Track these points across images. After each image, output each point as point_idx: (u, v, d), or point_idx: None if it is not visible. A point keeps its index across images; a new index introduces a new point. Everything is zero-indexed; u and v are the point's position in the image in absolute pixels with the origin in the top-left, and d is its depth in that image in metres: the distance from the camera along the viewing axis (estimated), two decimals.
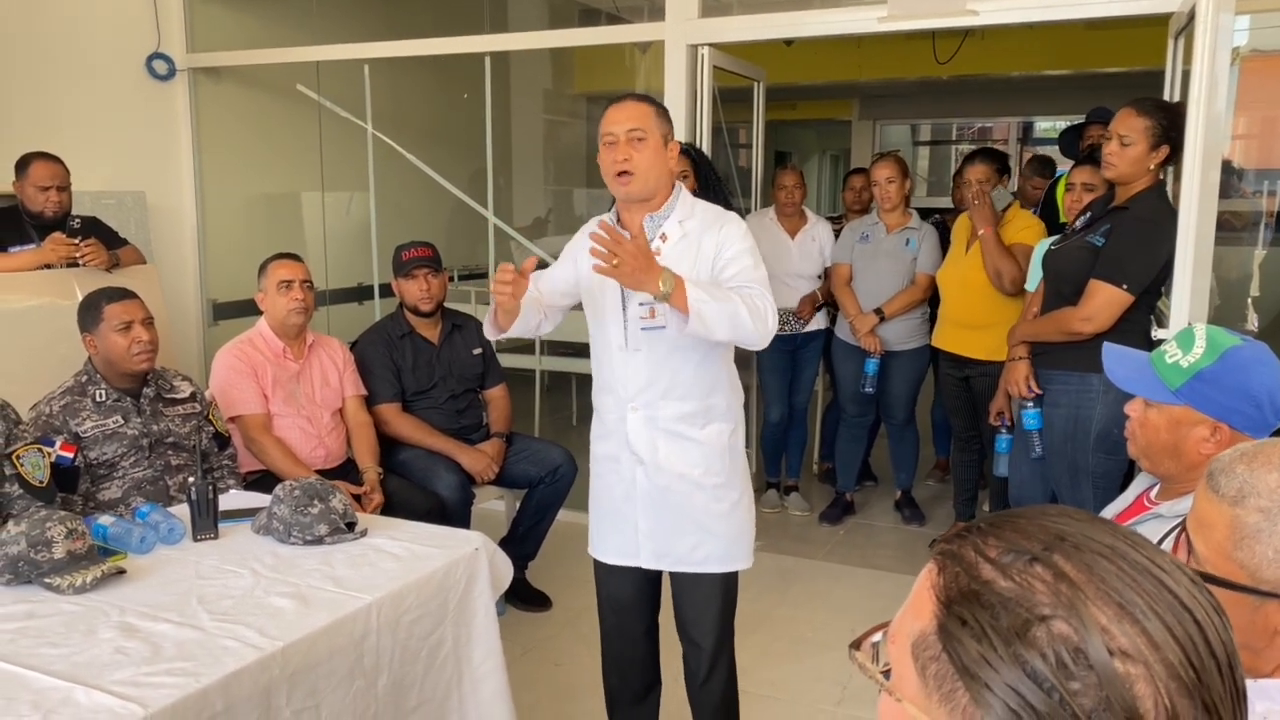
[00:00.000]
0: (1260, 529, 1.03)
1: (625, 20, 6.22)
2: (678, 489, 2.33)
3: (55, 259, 3.49)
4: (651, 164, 2.21)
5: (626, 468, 2.36)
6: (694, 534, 2.35)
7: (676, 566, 2.38)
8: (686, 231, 2.26)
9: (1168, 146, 2.76)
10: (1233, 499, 1.05)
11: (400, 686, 2.08)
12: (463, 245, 5.70)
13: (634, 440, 2.32)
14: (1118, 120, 2.82)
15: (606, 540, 2.44)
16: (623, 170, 2.20)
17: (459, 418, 3.62)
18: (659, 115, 2.25)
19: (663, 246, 2.24)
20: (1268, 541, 1.02)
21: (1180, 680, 0.56)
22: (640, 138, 2.20)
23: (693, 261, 2.22)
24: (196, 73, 4.91)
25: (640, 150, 2.20)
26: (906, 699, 0.64)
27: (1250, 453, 1.09)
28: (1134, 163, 2.78)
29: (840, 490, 4.76)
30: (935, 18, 3.74)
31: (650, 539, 2.36)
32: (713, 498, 2.35)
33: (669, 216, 2.28)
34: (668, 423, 2.30)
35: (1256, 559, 1.02)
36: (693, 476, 2.32)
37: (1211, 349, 1.56)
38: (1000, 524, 0.64)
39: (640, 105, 2.24)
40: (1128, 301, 2.78)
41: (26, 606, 1.92)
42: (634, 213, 2.29)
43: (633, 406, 2.31)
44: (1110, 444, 2.81)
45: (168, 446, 2.85)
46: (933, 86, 9.31)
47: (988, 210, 3.81)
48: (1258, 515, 1.03)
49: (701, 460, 2.32)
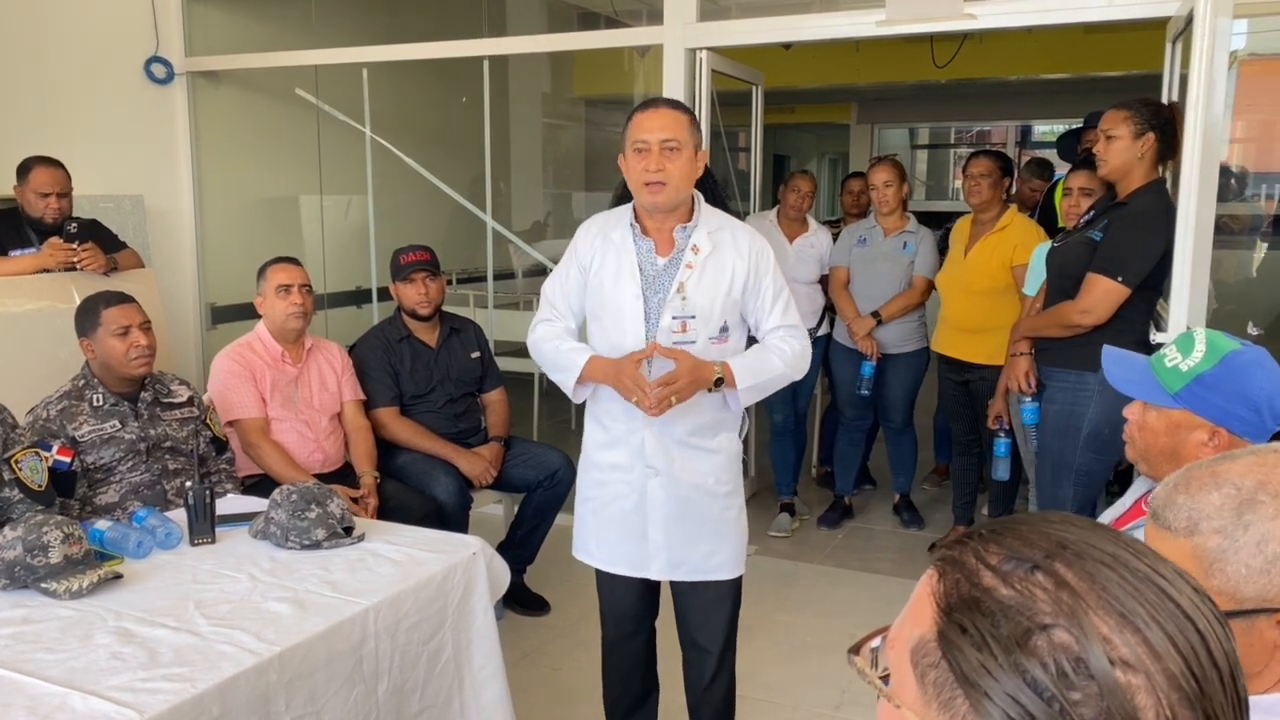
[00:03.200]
0: (1224, 550, 1.01)
1: (624, 24, 6.23)
2: (694, 499, 2.33)
3: (53, 263, 3.49)
4: (685, 175, 2.20)
5: (638, 478, 2.34)
6: (709, 542, 2.36)
7: (691, 576, 2.38)
8: (716, 243, 2.26)
9: (1153, 134, 2.83)
10: (1186, 531, 1.04)
11: (401, 692, 2.08)
12: (461, 249, 5.70)
13: (650, 452, 2.31)
14: (1103, 120, 2.92)
15: (611, 550, 2.42)
16: (655, 180, 2.17)
17: (457, 421, 3.61)
18: (692, 124, 2.22)
19: (694, 259, 2.23)
20: (1236, 559, 1.00)
21: (1182, 690, 0.56)
22: (674, 148, 2.17)
23: (729, 279, 2.25)
24: (195, 76, 4.91)
25: (674, 161, 2.17)
26: (905, 705, 0.63)
27: (1181, 481, 1.07)
28: (1121, 154, 2.86)
29: (839, 494, 4.75)
30: (933, 21, 3.74)
31: (664, 550, 2.36)
32: (724, 505, 2.37)
33: (698, 227, 2.27)
34: (683, 435, 2.31)
35: (1232, 580, 1.00)
36: (707, 486, 2.34)
37: (1211, 353, 1.55)
38: (1002, 531, 0.63)
39: (675, 114, 2.21)
40: (1125, 294, 2.83)
41: (22, 611, 1.91)
42: (658, 221, 2.27)
43: (648, 420, 2.26)
44: (1100, 443, 2.85)
45: (165, 451, 2.85)
46: (931, 90, 9.33)
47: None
48: (1216, 538, 1.01)
49: (714, 470, 2.34)
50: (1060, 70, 7.51)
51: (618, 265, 2.27)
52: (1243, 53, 4.08)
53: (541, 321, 2.38)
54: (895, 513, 4.76)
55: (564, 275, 2.37)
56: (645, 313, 2.24)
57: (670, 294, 2.23)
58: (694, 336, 2.22)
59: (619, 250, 2.28)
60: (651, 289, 2.25)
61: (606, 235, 2.31)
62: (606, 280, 2.28)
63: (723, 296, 2.25)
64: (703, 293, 2.23)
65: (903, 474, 4.68)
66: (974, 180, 3.97)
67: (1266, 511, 1.00)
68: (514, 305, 5.78)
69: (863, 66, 8.03)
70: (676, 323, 2.22)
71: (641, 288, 2.24)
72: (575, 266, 2.35)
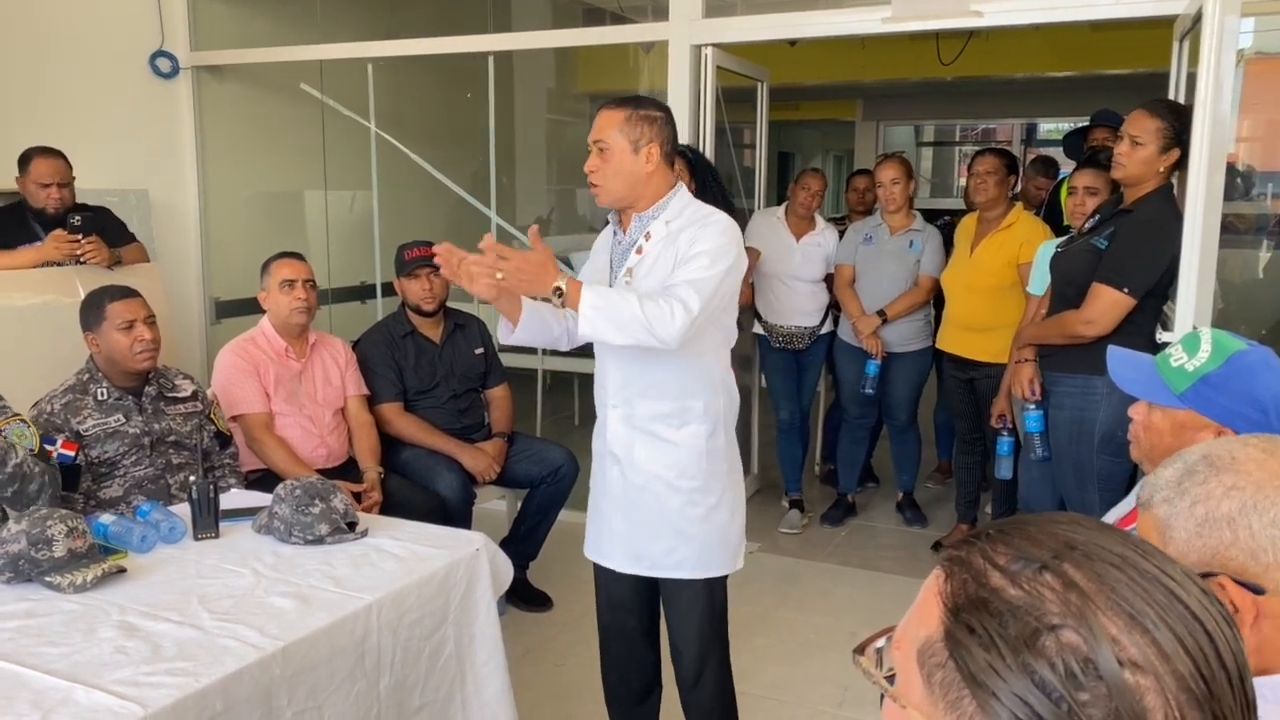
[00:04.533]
0: (1170, 518, 1.04)
1: (629, 20, 6.21)
2: (652, 490, 2.29)
3: (57, 255, 3.49)
4: (614, 174, 2.19)
5: (608, 466, 2.35)
6: (669, 538, 2.30)
7: (652, 571, 2.35)
8: (670, 231, 2.23)
9: (1178, 150, 2.75)
10: (1147, 504, 1.07)
11: (403, 687, 2.08)
12: (465, 245, 5.66)
13: (612, 439, 2.32)
14: (1130, 121, 2.81)
15: (595, 540, 2.44)
16: (590, 182, 2.23)
17: (461, 417, 3.61)
18: (627, 121, 2.18)
19: (645, 244, 2.24)
20: (1179, 526, 1.03)
21: (1191, 692, 0.56)
22: (602, 148, 2.19)
23: (669, 260, 2.19)
24: (200, 71, 4.91)
25: (604, 160, 2.19)
26: (911, 705, 0.63)
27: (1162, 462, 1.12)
28: (1143, 164, 2.77)
29: (842, 492, 4.74)
30: (939, 18, 3.73)
31: (626, 541, 2.34)
32: (688, 501, 2.29)
33: (657, 217, 2.25)
34: (644, 422, 2.28)
35: (1180, 548, 1.03)
36: (667, 478, 2.28)
37: (1217, 353, 1.55)
38: (1009, 531, 0.63)
39: (606, 114, 2.20)
40: (1129, 305, 2.77)
41: (26, 605, 1.92)
42: (626, 215, 2.29)
43: (612, 404, 2.31)
44: (1115, 446, 2.81)
45: (169, 445, 2.85)
46: (936, 87, 9.31)
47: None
48: (1164, 507, 1.04)
49: (675, 463, 2.27)
50: (1066, 68, 7.49)
51: (597, 251, 2.40)
52: (1249, 51, 4.06)
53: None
54: (898, 511, 4.75)
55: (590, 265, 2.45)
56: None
57: (619, 276, 2.27)
58: None
59: (604, 239, 2.39)
60: (615, 275, 2.30)
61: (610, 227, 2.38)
62: (590, 271, 2.38)
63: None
64: (651, 279, 2.19)
65: (906, 472, 4.68)
66: (980, 178, 3.96)
67: (1199, 478, 1.03)
68: None
69: (868, 63, 8.00)
70: None
71: (608, 274, 2.31)
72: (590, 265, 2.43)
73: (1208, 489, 1.02)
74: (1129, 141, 2.78)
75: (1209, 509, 1.01)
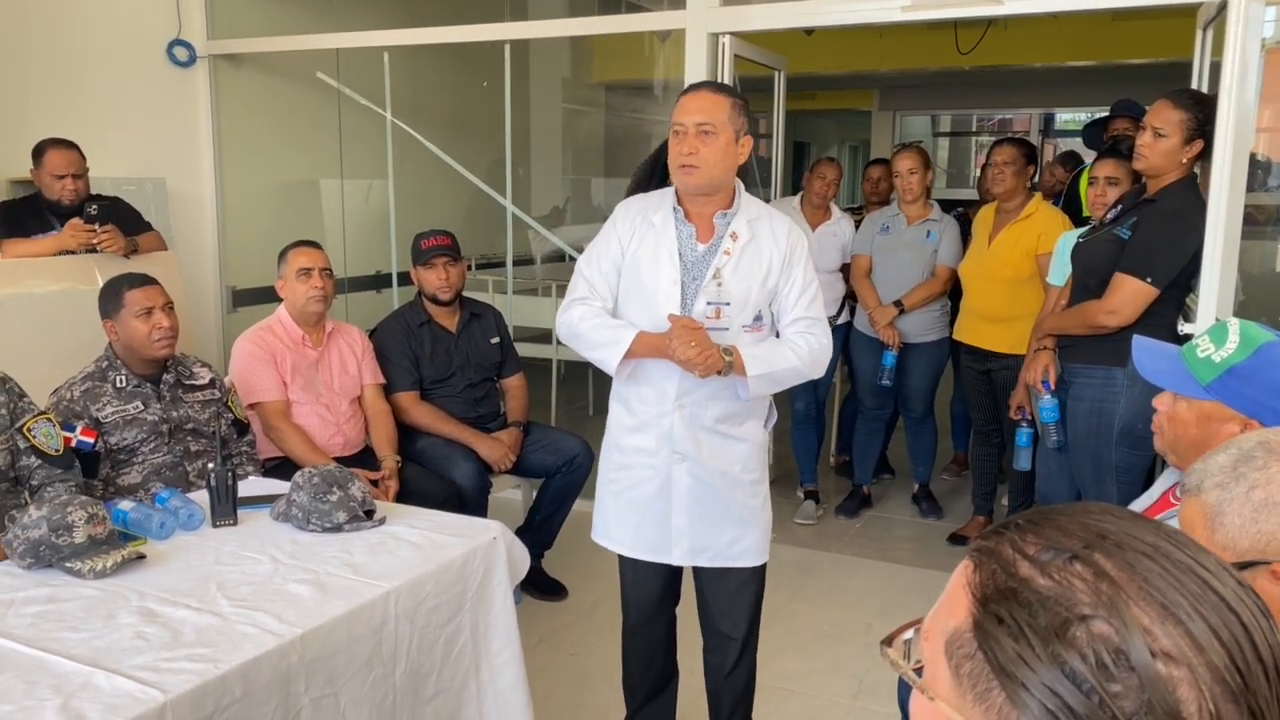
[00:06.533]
0: (1222, 504, 1.04)
1: (646, 8, 6.20)
2: (719, 485, 2.34)
3: (74, 244, 3.51)
4: (718, 160, 2.18)
5: (663, 463, 2.33)
6: (734, 528, 2.37)
7: (715, 562, 2.39)
8: (755, 232, 2.25)
9: (1202, 141, 2.73)
10: (1195, 489, 1.08)
11: (418, 675, 2.08)
12: (481, 234, 5.69)
13: (678, 437, 2.31)
14: (1153, 112, 2.78)
15: (634, 535, 2.41)
16: (687, 163, 2.17)
17: (476, 406, 3.62)
18: (733, 109, 2.19)
19: (733, 246, 2.23)
20: (1232, 512, 1.04)
21: (1225, 684, 0.55)
22: (708, 131, 2.16)
23: (765, 268, 2.25)
24: (217, 59, 4.92)
25: (708, 145, 2.16)
26: (940, 697, 0.62)
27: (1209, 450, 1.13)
28: (1166, 155, 2.75)
29: (857, 483, 4.73)
30: (958, 7, 3.70)
31: (688, 535, 2.36)
32: (750, 493, 2.38)
33: (738, 214, 2.26)
34: (710, 422, 2.31)
35: (1231, 534, 1.03)
36: (733, 473, 2.35)
37: (1245, 344, 1.53)
38: (1039, 521, 0.62)
39: (714, 97, 2.20)
40: (1152, 295, 2.75)
41: (47, 590, 1.93)
42: (699, 206, 2.26)
43: (679, 405, 2.29)
44: (1134, 439, 2.79)
45: (187, 433, 2.86)
46: (954, 77, 9.24)
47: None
48: (1216, 492, 1.05)
49: (740, 457, 2.35)
50: (1086, 57, 7.43)
51: (655, 248, 2.27)
52: (1270, 40, 4.02)
53: (578, 301, 2.33)
54: (914, 502, 4.74)
55: (602, 254, 2.34)
56: (682, 297, 2.24)
57: (706, 280, 2.24)
58: (728, 323, 2.23)
59: (659, 233, 2.27)
60: (689, 274, 2.25)
61: (646, 217, 2.30)
62: (644, 262, 2.28)
63: (758, 285, 2.25)
64: (739, 280, 2.23)
65: (922, 464, 4.66)
66: (998, 168, 3.93)
67: (1258, 463, 1.04)
68: (533, 291, 5.77)
69: (885, 52, 7.96)
70: (711, 308, 2.23)
71: (680, 273, 2.24)
72: (616, 245, 2.32)
73: (1268, 474, 1.02)
74: (1152, 133, 2.75)
75: (1269, 494, 1.01)
